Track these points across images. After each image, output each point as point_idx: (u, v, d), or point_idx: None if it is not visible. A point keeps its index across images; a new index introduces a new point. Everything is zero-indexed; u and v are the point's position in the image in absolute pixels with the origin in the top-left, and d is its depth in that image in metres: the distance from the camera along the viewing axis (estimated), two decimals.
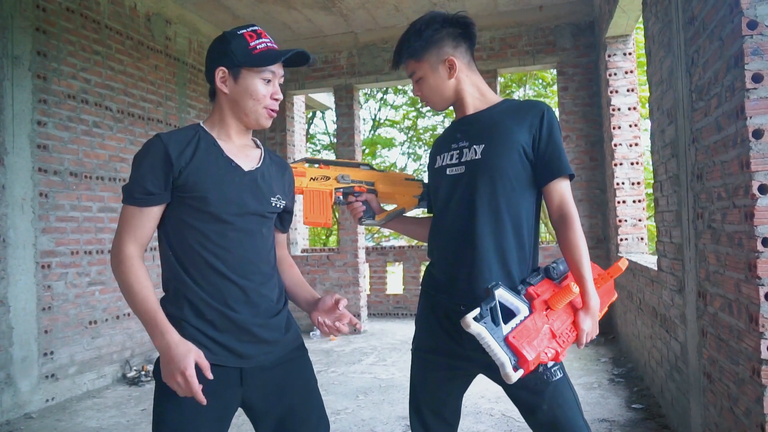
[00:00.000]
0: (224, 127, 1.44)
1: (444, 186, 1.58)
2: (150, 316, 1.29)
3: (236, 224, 1.38)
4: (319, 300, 1.54)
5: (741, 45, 1.79)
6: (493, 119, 1.54)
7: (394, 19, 5.98)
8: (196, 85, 5.70)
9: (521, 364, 1.27)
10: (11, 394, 3.60)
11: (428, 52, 1.56)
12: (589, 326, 1.43)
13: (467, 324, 1.26)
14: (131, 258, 1.32)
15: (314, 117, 14.14)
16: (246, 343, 1.38)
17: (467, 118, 1.60)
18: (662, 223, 3.16)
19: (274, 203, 1.46)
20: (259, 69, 1.38)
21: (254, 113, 1.41)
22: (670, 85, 2.83)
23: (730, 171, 1.98)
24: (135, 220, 1.33)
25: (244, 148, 1.47)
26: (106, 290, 4.43)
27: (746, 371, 1.88)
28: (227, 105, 1.42)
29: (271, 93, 1.41)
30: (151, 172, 1.32)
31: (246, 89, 1.39)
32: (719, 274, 2.15)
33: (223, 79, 1.39)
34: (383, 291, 7.62)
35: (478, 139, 1.53)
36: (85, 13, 4.33)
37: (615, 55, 5.09)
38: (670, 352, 3.04)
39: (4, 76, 3.65)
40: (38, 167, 3.87)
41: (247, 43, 1.38)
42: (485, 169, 1.50)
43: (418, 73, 1.58)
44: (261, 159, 1.48)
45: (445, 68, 1.56)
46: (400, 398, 3.82)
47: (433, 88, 1.58)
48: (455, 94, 1.60)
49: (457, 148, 1.57)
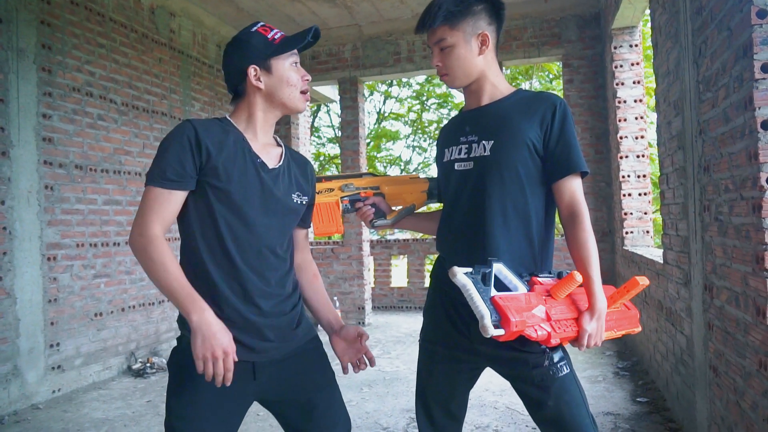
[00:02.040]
0: (252, 124, 1.44)
1: (453, 181, 1.56)
2: (187, 292, 1.26)
3: (257, 220, 1.38)
4: (342, 327, 1.57)
5: (750, 35, 1.77)
6: (504, 113, 1.50)
7: (398, 12, 5.95)
8: (200, 78, 5.69)
9: (503, 323, 1.21)
10: (18, 385, 3.63)
11: (465, 20, 1.48)
12: (593, 328, 1.36)
13: (453, 273, 1.21)
14: (159, 237, 1.29)
15: (319, 110, 14.11)
16: (257, 338, 1.38)
17: (477, 111, 1.56)
18: (668, 216, 3.14)
19: (295, 200, 1.47)
20: (287, 55, 1.42)
21: (292, 99, 1.44)
22: (677, 76, 2.80)
23: (737, 163, 1.96)
24: (162, 202, 1.31)
25: (268, 146, 1.48)
26: (111, 282, 4.45)
27: (753, 365, 1.87)
28: (262, 100, 1.43)
29: (302, 75, 1.45)
30: (182, 155, 1.31)
31: (281, 78, 1.41)
32: (726, 266, 2.14)
33: (257, 76, 1.40)
34: (388, 284, 7.62)
35: (488, 134, 1.49)
36: (90, 5, 4.32)
37: (621, 47, 5.05)
38: (676, 346, 3.03)
39: (9, 69, 3.65)
40: (44, 160, 3.88)
41: (265, 36, 1.41)
42: (494, 166, 1.47)
43: (449, 40, 1.49)
44: (282, 156, 1.49)
45: (477, 42, 1.50)
46: (404, 391, 3.83)
47: (461, 61, 1.50)
48: (478, 75, 1.53)
49: (465, 142, 1.54)
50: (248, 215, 1.36)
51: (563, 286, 1.35)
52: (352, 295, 6.48)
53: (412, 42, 6.24)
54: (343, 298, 6.48)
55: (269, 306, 1.40)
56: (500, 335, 1.21)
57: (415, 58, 6.25)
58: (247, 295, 1.36)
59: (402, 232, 13.94)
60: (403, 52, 6.28)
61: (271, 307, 1.40)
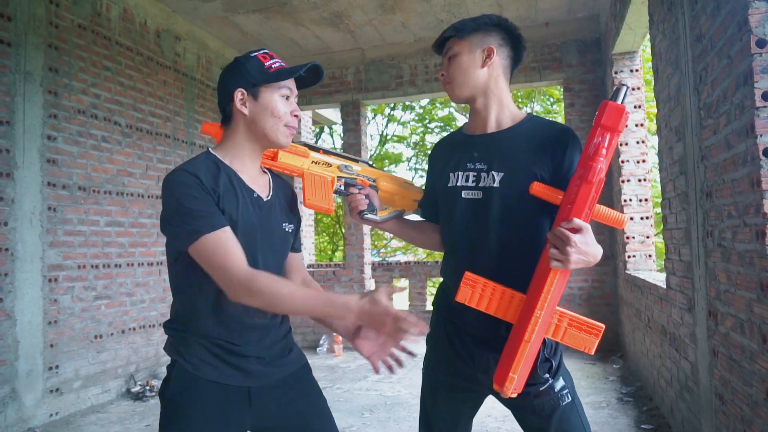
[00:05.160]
0: (239, 154, 1.40)
1: (459, 209, 1.53)
2: (323, 298, 1.22)
3: (258, 257, 1.36)
4: (360, 328, 1.46)
5: (750, 63, 1.79)
6: (514, 144, 1.48)
7: (401, 36, 6.02)
8: (204, 100, 5.74)
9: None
10: (15, 409, 3.59)
11: (473, 34, 1.51)
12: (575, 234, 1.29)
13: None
14: (252, 273, 1.22)
15: (322, 132, 14.20)
16: (255, 364, 1.37)
17: (488, 137, 1.54)
18: (671, 241, 3.13)
19: (286, 229, 1.46)
20: (277, 85, 1.38)
21: (274, 131, 1.38)
22: (678, 102, 2.82)
23: (740, 189, 1.96)
24: (224, 241, 1.23)
25: (258, 176, 1.45)
26: (112, 304, 4.43)
27: (760, 393, 1.85)
28: (245, 127, 1.39)
29: (291, 110, 1.40)
30: (201, 197, 1.26)
31: (266, 107, 1.37)
32: (730, 293, 2.12)
33: (243, 101, 1.37)
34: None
35: (497, 165, 1.47)
36: (97, 29, 4.38)
37: (622, 72, 5.09)
38: (680, 372, 2.99)
39: (16, 91, 3.69)
40: (47, 181, 3.89)
41: (262, 63, 1.38)
42: (504, 198, 1.45)
43: (455, 49, 1.52)
44: (270, 185, 1.47)
45: (481, 55, 1.51)
46: (406, 416, 3.78)
47: (462, 69, 1.52)
48: (482, 89, 1.53)
49: (473, 170, 1.51)
50: (250, 254, 1.31)
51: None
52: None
53: (414, 66, 6.31)
54: None
55: (265, 335, 1.39)
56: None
57: (417, 82, 6.31)
58: (247, 326, 1.35)
59: (405, 254, 13.90)
60: (406, 76, 6.34)
61: (267, 335, 1.40)
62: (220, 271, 1.22)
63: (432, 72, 6.24)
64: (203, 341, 1.33)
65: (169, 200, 1.28)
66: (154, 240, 4.91)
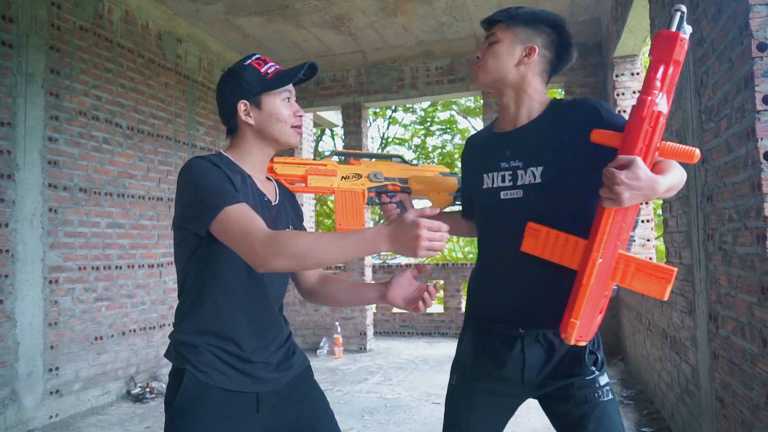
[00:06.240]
0: (249, 160, 1.42)
1: (498, 211, 1.45)
2: (350, 238, 1.18)
3: None
4: (389, 283, 1.45)
5: (751, 67, 1.79)
6: (544, 133, 1.42)
7: (402, 39, 6.03)
8: (206, 102, 5.75)
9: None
10: (15, 410, 3.59)
11: (522, 27, 1.45)
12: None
13: None
14: (273, 233, 1.19)
15: (323, 134, 14.22)
16: (263, 370, 1.37)
17: (517, 132, 1.47)
18: (671, 244, 3.13)
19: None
20: (278, 91, 1.39)
21: (283, 134, 1.40)
22: (679, 105, 2.82)
23: (741, 192, 1.96)
24: (243, 212, 1.22)
25: (265, 182, 1.47)
26: (113, 306, 4.43)
27: (761, 397, 1.85)
28: (254, 136, 1.41)
29: (294, 111, 1.42)
30: (221, 180, 1.26)
31: (270, 114, 1.38)
32: (731, 296, 2.12)
33: (246, 112, 1.38)
34: (389, 309, 7.57)
35: (534, 159, 1.40)
36: (98, 31, 4.39)
37: (623, 75, 5.10)
38: (681, 375, 2.99)
39: (18, 93, 3.69)
40: (48, 183, 3.90)
41: (258, 70, 1.39)
42: (549, 193, 1.37)
43: (497, 36, 1.46)
44: (276, 191, 1.49)
45: (522, 51, 1.45)
46: (406, 418, 3.77)
47: (498, 59, 1.46)
48: (510, 84, 1.47)
49: (508, 168, 1.44)
50: None
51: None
52: (353, 320, 6.44)
53: (415, 68, 6.31)
54: (345, 323, 6.43)
55: (272, 338, 1.40)
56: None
57: (418, 84, 6.31)
58: (255, 330, 1.36)
59: (406, 257, 13.87)
60: (407, 79, 6.35)
61: (273, 338, 1.41)
62: (244, 236, 1.19)
63: (433, 75, 6.25)
64: (213, 348, 1.32)
65: (187, 186, 1.28)
66: (154, 242, 4.91)
